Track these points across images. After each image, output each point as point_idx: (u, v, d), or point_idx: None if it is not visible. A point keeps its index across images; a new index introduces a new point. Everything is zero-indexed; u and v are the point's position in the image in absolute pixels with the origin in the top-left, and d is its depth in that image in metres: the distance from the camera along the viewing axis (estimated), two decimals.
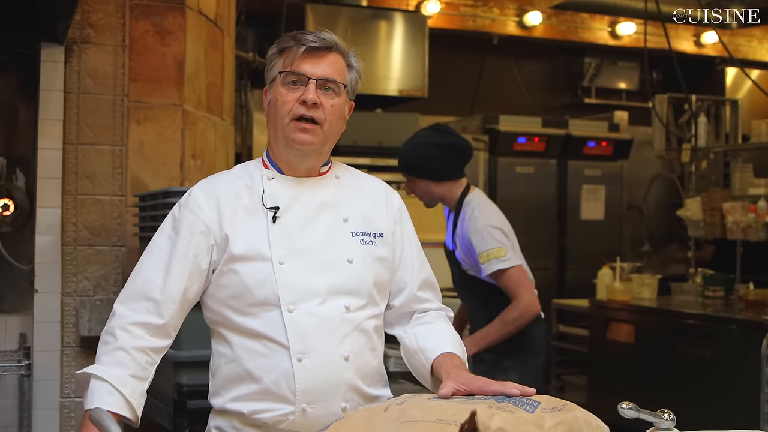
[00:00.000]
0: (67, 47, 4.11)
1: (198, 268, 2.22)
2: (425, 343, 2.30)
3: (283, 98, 2.21)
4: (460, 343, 2.34)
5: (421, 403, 1.94)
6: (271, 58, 2.27)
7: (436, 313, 2.43)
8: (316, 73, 2.20)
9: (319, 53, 2.21)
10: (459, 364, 2.21)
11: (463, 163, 4.05)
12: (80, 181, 4.14)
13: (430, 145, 3.97)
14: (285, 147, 2.25)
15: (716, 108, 7.67)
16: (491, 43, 8.91)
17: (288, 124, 2.21)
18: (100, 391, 2.09)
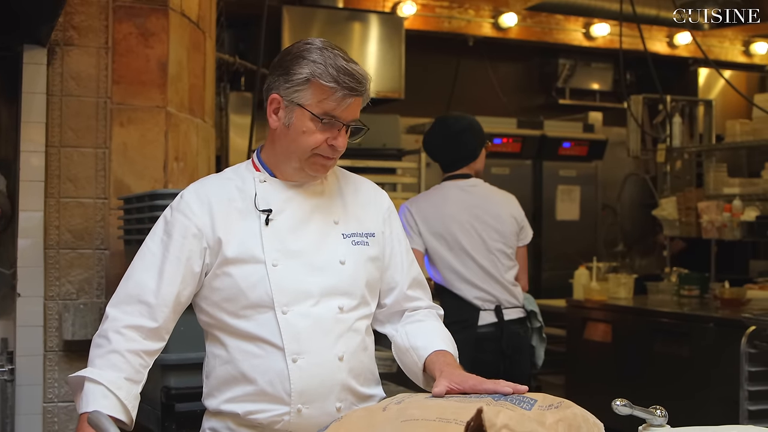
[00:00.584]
0: (50, 49, 4.09)
1: (191, 271, 2.22)
2: (417, 341, 2.32)
3: (313, 135, 2.19)
4: (451, 340, 2.36)
5: (419, 402, 1.96)
6: (297, 80, 2.19)
7: (426, 311, 2.45)
8: (348, 118, 2.20)
9: (355, 97, 2.19)
10: (451, 361, 2.23)
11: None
12: (63, 184, 4.12)
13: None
14: (296, 170, 2.27)
15: (690, 108, 7.75)
16: (467, 45, 8.94)
17: (309, 158, 2.22)
18: (95, 394, 2.09)
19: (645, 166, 8.70)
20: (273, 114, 2.26)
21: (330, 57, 2.17)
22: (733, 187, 6.49)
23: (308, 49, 2.21)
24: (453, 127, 4.40)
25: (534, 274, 8.43)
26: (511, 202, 4.48)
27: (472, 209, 4.33)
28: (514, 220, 4.38)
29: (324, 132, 2.19)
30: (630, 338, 5.95)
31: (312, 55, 2.19)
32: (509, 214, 4.38)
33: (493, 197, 4.43)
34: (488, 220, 4.32)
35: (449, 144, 4.41)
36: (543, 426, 1.75)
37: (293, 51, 2.24)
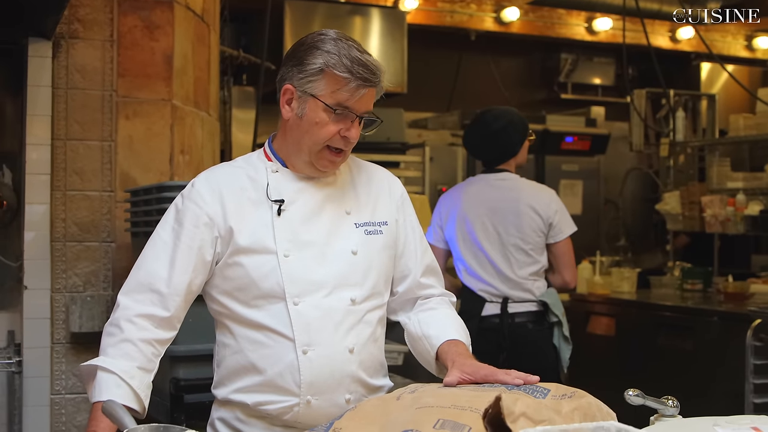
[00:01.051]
0: (55, 42, 4.08)
1: (202, 260, 2.22)
2: (429, 329, 2.32)
3: (325, 126, 2.18)
4: (464, 329, 2.36)
5: (433, 391, 1.96)
6: (311, 70, 2.18)
7: (439, 299, 2.44)
8: (361, 109, 2.19)
9: (369, 87, 2.18)
10: (464, 351, 2.23)
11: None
12: (69, 176, 4.12)
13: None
14: (306, 164, 2.26)
15: (693, 103, 7.75)
16: (468, 39, 8.93)
17: (321, 150, 2.21)
18: (108, 383, 2.09)
19: (648, 161, 8.69)
20: (286, 105, 2.25)
21: (344, 47, 2.16)
22: (737, 181, 6.50)
23: (322, 39, 2.20)
24: (492, 125, 4.36)
25: None
26: (540, 197, 4.37)
27: (492, 203, 4.33)
28: (538, 215, 4.29)
29: (337, 123, 2.18)
30: (633, 332, 5.94)
31: (326, 45, 2.18)
32: (532, 210, 4.30)
33: (519, 192, 4.35)
34: (507, 215, 4.30)
35: (488, 143, 4.41)
36: (559, 414, 1.75)
37: (307, 41, 2.23)
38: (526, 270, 4.30)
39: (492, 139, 4.36)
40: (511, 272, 4.29)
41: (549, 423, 1.64)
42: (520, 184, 4.40)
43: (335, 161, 2.24)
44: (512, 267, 4.29)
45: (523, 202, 4.30)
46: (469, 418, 1.70)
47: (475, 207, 4.34)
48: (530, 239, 4.29)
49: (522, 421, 1.61)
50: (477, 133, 4.45)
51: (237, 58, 6.11)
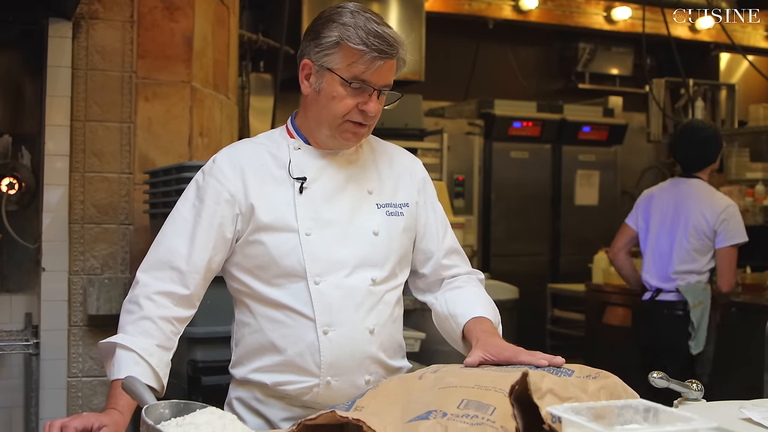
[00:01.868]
0: (75, 23, 4.07)
1: (222, 237, 2.18)
2: (456, 308, 2.29)
3: (342, 100, 2.14)
4: (492, 306, 2.32)
5: (456, 371, 1.94)
6: (327, 43, 2.14)
7: (466, 276, 2.41)
8: (379, 82, 2.14)
9: (385, 59, 2.12)
10: (489, 328, 2.20)
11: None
12: (88, 158, 4.11)
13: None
14: (328, 137, 2.22)
15: (712, 93, 7.70)
16: (487, 28, 8.90)
17: (341, 124, 2.17)
18: (127, 360, 2.06)
19: (667, 151, 8.64)
20: (305, 80, 2.21)
21: (361, 20, 2.12)
22: (756, 172, 6.46)
23: (339, 12, 2.16)
24: (699, 134, 4.93)
25: (552, 259, 8.43)
26: (714, 205, 4.83)
27: (677, 204, 4.90)
28: (706, 221, 4.80)
29: (354, 97, 2.14)
30: None
31: (342, 18, 2.14)
32: (702, 215, 4.81)
33: (698, 197, 4.87)
34: (684, 216, 4.85)
35: (696, 150, 4.93)
36: (586, 393, 1.73)
37: (324, 15, 2.20)
38: (685, 266, 4.84)
39: (699, 147, 4.92)
40: (670, 266, 4.86)
41: (576, 400, 1.62)
42: (703, 191, 4.91)
43: (359, 133, 2.20)
44: (672, 261, 4.86)
45: (699, 206, 4.83)
46: (493, 398, 1.68)
47: (662, 205, 4.95)
48: (695, 241, 4.82)
49: (549, 397, 1.59)
50: (687, 141, 4.96)
51: (256, 42, 6.08)
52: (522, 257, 8.18)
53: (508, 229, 8.20)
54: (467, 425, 1.60)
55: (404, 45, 2.18)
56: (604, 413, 1.49)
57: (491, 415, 1.62)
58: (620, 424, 1.48)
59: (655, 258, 4.95)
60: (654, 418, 1.48)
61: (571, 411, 1.45)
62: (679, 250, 4.84)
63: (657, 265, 4.94)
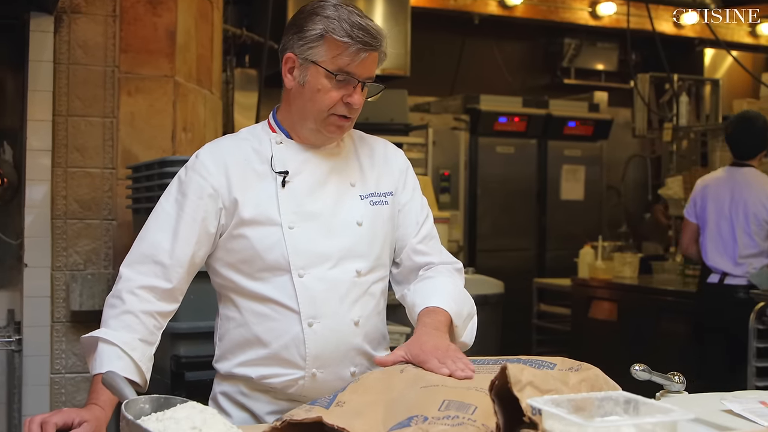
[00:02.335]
0: (57, 17, 4.05)
1: (206, 231, 2.18)
2: (416, 297, 2.27)
3: (328, 93, 2.15)
4: (458, 297, 2.28)
5: None
6: (311, 36, 2.15)
7: (441, 267, 2.38)
8: (363, 74, 2.15)
9: (369, 51, 2.14)
10: (432, 321, 2.16)
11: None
12: (70, 153, 4.10)
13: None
14: (313, 131, 2.22)
15: (697, 88, 7.72)
16: (472, 23, 8.89)
17: (327, 117, 2.17)
18: (110, 355, 2.05)
19: (651, 146, 8.67)
20: (288, 73, 2.21)
21: (344, 13, 2.13)
22: None
23: (322, 5, 2.17)
24: (756, 123, 5.24)
25: (538, 253, 8.44)
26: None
27: (733, 191, 5.17)
28: (764, 207, 5.10)
29: (339, 89, 2.15)
30: (635, 316, 5.94)
31: (326, 11, 2.15)
32: (762, 203, 5.10)
33: (755, 186, 5.15)
34: (741, 203, 5.13)
35: (752, 138, 5.22)
36: (566, 385, 1.73)
37: (307, 8, 2.20)
38: (747, 250, 5.10)
39: (756, 135, 5.22)
40: (733, 251, 5.11)
41: (556, 393, 1.62)
42: (760, 179, 5.18)
43: (343, 126, 2.21)
44: (734, 247, 5.11)
45: (758, 195, 5.11)
46: (474, 397, 1.68)
47: (719, 193, 5.21)
48: (756, 227, 5.10)
49: (529, 389, 1.59)
50: (746, 130, 5.25)
51: (240, 36, 6.07)
52: (508, 252, 8.19)
53: (494, 225, 8.21)
54: (448, 427, 1.60)
55: (386, 38, 2.19)
56: (585, 405, 1.49)
57: (472, 414, 1.62)
58: (600, 415, 1.48)
59: (718, 244, 5.18)
60: (634, 410, 1.48)
61: (551, 403, 1.45)
62: (742, 236, 5.11)
63: (720, 250, 5.17)
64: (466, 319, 2.28)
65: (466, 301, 2.31)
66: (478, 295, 5.41)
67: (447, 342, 2.08)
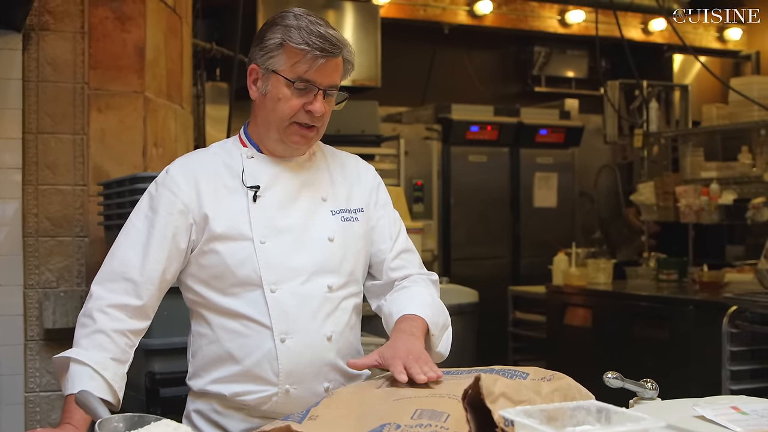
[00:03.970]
0: (25, 34, 4.03)
1: (177, 248, 2.18)
2: (393, 306, 2.27)
3: (288, 101, 2.16)
4: (434, 306, 2.29)
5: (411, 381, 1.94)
6: (270, 45, 2.17)
7: (417, 277, 2.39)
8: (324, 82, 2.16)
9: (329, 59, 2.15)
10: (408, 327, 2.16)
11: None
12: (41, 171, 4.07)
13: None
14: (278, 142, 2.23)
15: (666, 94, 7.78)
16: (442, 33, 8.92)
17: (288, 126, 2.18)
18: (82, 375, 2.05)
19: (622, 152, 8.72)
20: (252, 85, 2.23)
21: (304, 21, 2.14)
22: (710, 171, 6.52)
23: (283, 16, 2.19)
24: None
25: (512, 261, 8.46)
26: None
27: None
28: None
29: (300, 98, 2.15)
30: (610, 322, 5.96)
31: (286, 21, 2.16)
32: None
33: None
34: None
35: None
36: (539, 395, 1.74)
37: (269, 20, 2.23)
38: None
39: None
40: None
41: (529, 403, 1.63)
42: None
43: (306, 135, 2.21)
44: None
45: None
46: (447, 405, 1.69)
47: None
48: None
49: (502, 401, 1.59)
50: None
51: (210, 51, 6.06)
52: (482, 260, 8.21)
53: (468, 233, 8.23)
54: None
55: (349, 47, 2.21)
56: (557, 415, 1.50)
57: (444, 422, 1.62)
58: (573, 425, 1.49)
59: None
60: (606, 419, 1.49)
61: (524, 414, 1.46)
62: None
63: None
64: (442, 329, 2.29)
65: (441, 311, 2.32)
66: (453, 304, 5.47)
67: (420, 348, 2.08)
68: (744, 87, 6.31)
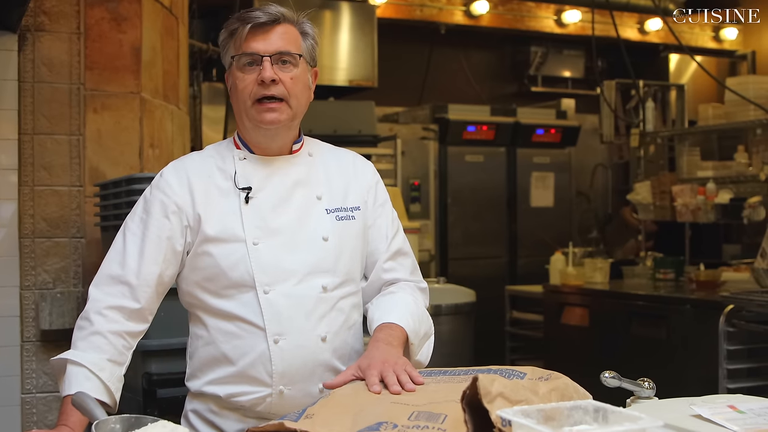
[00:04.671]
0: (21, 35, 4.02)
1: (172, 250, 2.19)
2: (375, 313, 2.27)
3: (242, 82, 2.17)
4: (417, 315, 2.28)
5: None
6: (223, 43, 2.23)
7: (404, 283, 2.38)
8: (269, 49, 2.16)
9: (267, 28, 2.17)
10: (385, 337, 2.15)
11: None
12: (37, 172, 4.06)
13: None
14: (253, 129, 2.23)
15: (662, 93, 7.79)
16: (439, 33, 8.93)
17: (252, 107, 2.18)
18: (78, 376, 2.05)
19: (618, 152, 8.72)
20: (229, 90, 2.27)
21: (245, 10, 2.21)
22: (707, 170, 6.53)
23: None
24: None
25: (509, 261, 8.47)
26: None
27: None
28: None
29: (251, 73, 2.17)
30: (607, 322, 5.97)
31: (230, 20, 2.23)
32: None
33: None
34: None
35: None
36: (537, 395, 1.74)
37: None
38: None
39: None
40: None
41: (526, 403, 1.63)
42: None
43: (273, 108, 2.18)
44: None
45: None
46: (445, 407, 1.69)
47: None
48: None
49: (499, 401, 1.59)
50: None
51: (206, 51, 6.06)
52: (479, 260, 8.22)
53: (465, 233, 8.23)
54: None
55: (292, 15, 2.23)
56: (554, 415, 1.50)
57: (442, 423, 1.62)
58: (570, 425, 1.49)
59: None
60: (603, 419, 1.49)
61: (521, 414, 1.46)
62: None
63: None
64: (423, 338, 2.28)
65: (424, 320, 2.31)
66: (450, 304, 5.48)
67: (397, 355, 2.07)
68: (740, 86, 6.31)
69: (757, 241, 5.44)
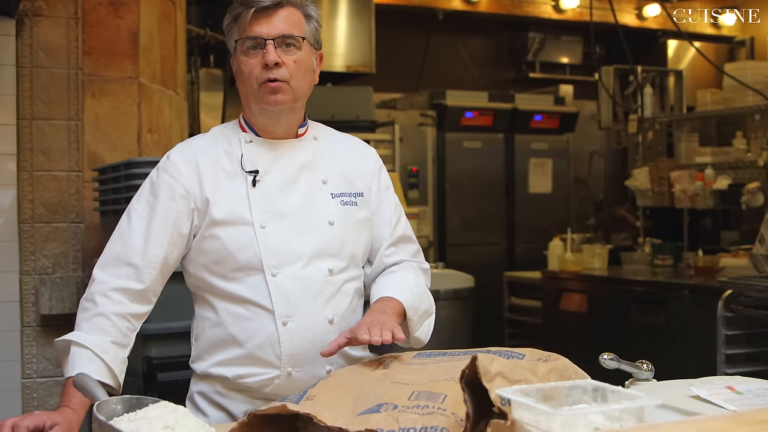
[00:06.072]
0: (19, 20, 4.02)
1: (178, 232, 2.19)
2: (376, 290, 2.30)
3: (247, 66, 2.18)
4: (417, 292, 2.30)
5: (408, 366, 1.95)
6: (228, 27, 2.24)
7: (406, 263, 2.40)
8: (272, 32, 2.17)
9: (271, 11, 2.18)
10: (381, 307, 2.19)
11: None
12: (35, 157, 4.07)
13: None
14: (259, 112, 2.24)
15: (661, 79, 7.78)
16: (436, 19, 8.92)
17: (257, 90, 2.19)
18: (81, 358, 2.06)
19: (617, 138, 8.72)
20: (235, 74, 2.28)
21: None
22: (705, 156, 6.53)
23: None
24: None
25: (508, 247, 8.47)
26: None
27: None
28: None
29: (255, 57, 2.18)
30: (606, 308, 5.97)
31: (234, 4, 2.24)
32: None
33: None
34: None
35: None
36: (536, 375, 1.75)
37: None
38: None
39: None
40: None
41: (525, 383, 1.64)
42: None
43: (277, 89, 2.19)
44: None
45: None
46: (444, 387, 1.70)
47: None
48: None
49: (498, 380, 1.60)
50: None
51: (204, 37, 6.04)
52: (478, 246, 8.22)
53: (464, 219, 8.23)
54: (418, 416, 1.62)
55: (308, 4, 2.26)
56: (553, 394, 1.51)
57: (442, 403, 1.63)
58: (569, 404, 1.50)
59: None
60: (602, 398, 1.50)
61: (520, 393, 1.47)
62: None
63: None
64: (423, 315, 2.30)
65: (425, 297, 2.33)
66: (449, 289, 5.50)
67: (387, 318, 2.11)
68: (738, 72, 6.31)
69: (756, 227, 5.45)
